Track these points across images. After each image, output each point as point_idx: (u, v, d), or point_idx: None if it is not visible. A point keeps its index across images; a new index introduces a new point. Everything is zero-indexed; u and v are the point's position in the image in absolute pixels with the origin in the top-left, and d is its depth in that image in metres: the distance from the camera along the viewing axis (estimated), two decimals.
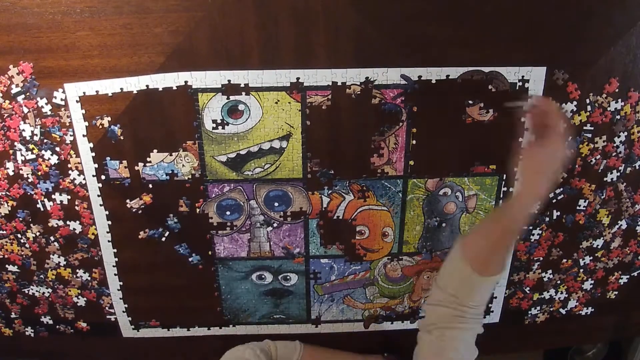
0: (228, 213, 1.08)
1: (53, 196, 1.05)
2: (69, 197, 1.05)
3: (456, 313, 0.88)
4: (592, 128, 1.02)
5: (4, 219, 1.08)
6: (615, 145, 1.05)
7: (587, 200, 1.10)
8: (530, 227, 1.12)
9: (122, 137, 0.99)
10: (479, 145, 1.02)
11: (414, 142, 1.02)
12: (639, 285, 1.26)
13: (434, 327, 0.89)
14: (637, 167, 1.09)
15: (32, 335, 1.25)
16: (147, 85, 0.95)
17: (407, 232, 1.12)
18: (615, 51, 0.96)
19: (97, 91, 0.95)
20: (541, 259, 1.17)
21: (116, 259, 1.12)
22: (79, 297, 1.17)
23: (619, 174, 1.08)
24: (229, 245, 1.11)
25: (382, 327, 1.24)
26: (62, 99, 0.96)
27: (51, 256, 1.12)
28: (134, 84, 0.94)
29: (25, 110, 0.97)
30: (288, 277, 1.16)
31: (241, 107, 0.97)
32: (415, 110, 0.99)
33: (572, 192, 1.09)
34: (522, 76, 0.97)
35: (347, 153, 1.02)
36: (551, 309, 1.26)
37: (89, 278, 1.15)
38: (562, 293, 1.23)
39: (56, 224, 1.08)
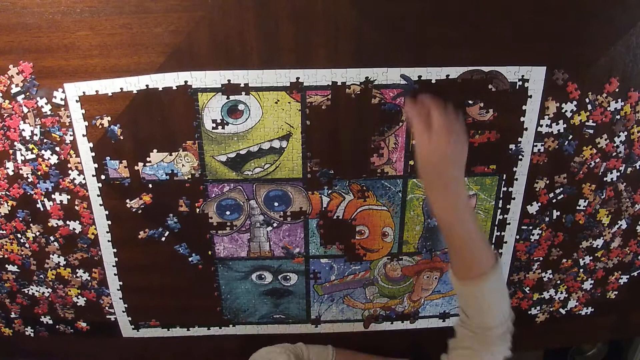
0: (228, 213, 1.08)
1: (53, 196, 1.05)
2: (69, 197, 1.05)
3: (465, 332, 0.91)
4: (592, 128, 1.02)
5: (4, 219, 1.08)
6: (615, 145, 1.05)
7: (587, 200, 1.10)
8: (530, 227, 1.12)
9: (122, 137, 0.99)
10: (479, 145, 1.02)
11: (414, 142, 1.01)
12: (639, 285, 1.26)
13: (450, 348, 0.93)
14: (637, 167, 1.09)
15: (32, 335, 1.25)
16: (147, 85, 0.95)
17: (407, 232, 1.12)
18: (615, 51, 0.96)
19: (97, 91, 0.95)
20: (541, 259, 1.17)
21: (116, 259, 1.12)
22: (79, 297, 1.17)
23: (619, 174, 1.08)
24: (229, 245, 1.11)
25: (382, 327, 1.24)
26: (62, 99, 0.96)
27: (51, 256, 1.12)
28: (134, 84, 0.94)
29: (25, 110, 0.97)
30: (288, 277, 1.16)
31: (241, 107, 0.97)
32: None
33: (572, 191, 1.09)
34: (522, 76, 0.97)
35: (347, 153, 1.02)
36: (551, 309, 1.26)
37: (89, 278, 1.15)
38: (562, 293, 1.23)
39: (56, 223, 1.08)
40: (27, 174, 1.03)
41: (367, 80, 0.96)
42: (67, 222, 1.08)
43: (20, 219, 1.08)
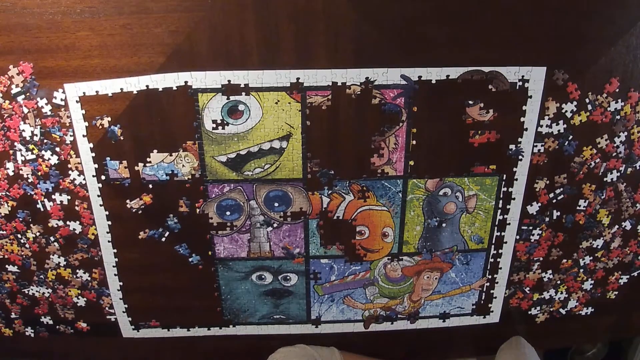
0: (228, 213, 1.08)
1: (53, 196, 1.05)
2: (69, 197, 1.05)
3: None
4: (592, 128, 1.02)
5: (4, 219, 1.08)
6: (615, 145, 1.05)
7: (587, 200, 1.10)
8: (531, 227, 1.12)
9: (122, 138, 0.99)
10: (479, 145, 1.02)
11: (414, 142, 1.02)
12: (639, 285, 1.26)
13: None
14: (638, 168, 1.09)
15: (32, 335, 1.25)
16: (147, 86, 0.95)
17: (407, 232, 1.12)
18: (615, 51, 0.96)
19: (97, 91, 0.95)
20: (541, 259, 1.17)
21: (116, 259, 1.12)
22: (79, 297, 1.17)
23: (619, 174, 1.08)
24: (229, 246, 1.11)
25: (382, 327, 1.24)
26: (62, 99, 0.96)
27: (51, 256, 1.12)
28: (134, 84, 0.94)
29: (25, 110, 0.97)
30: (288, 278, 1.16)
31: (241, 107, 0.97)
32: (415, 111, 0.99)
33: (572, 192, 1.09)
34: (522, 76, 0.97)
35: (347, 153, 1.02)
36: (551, 309, 1.26)
37: (89, 278, 1.15)
38: (562, 293, 1.23)
39: (56, 224, 1.08)
40: (27, 175, 1.03)
41: (367, 80, 0.96)
42: (67, 223, 1.08)
43: (21, 219, 1.08)
